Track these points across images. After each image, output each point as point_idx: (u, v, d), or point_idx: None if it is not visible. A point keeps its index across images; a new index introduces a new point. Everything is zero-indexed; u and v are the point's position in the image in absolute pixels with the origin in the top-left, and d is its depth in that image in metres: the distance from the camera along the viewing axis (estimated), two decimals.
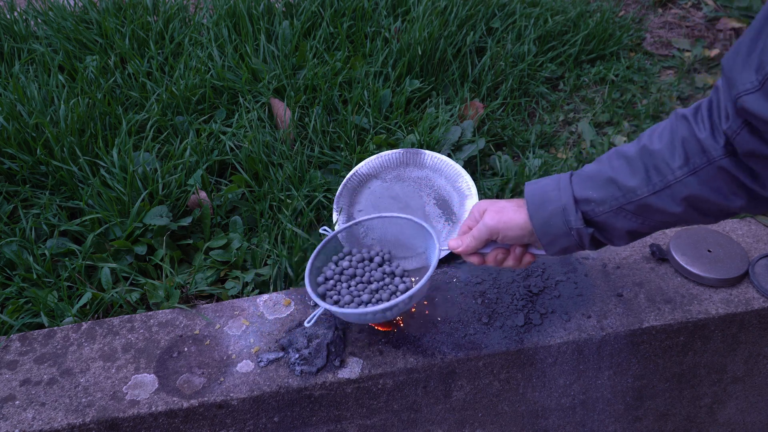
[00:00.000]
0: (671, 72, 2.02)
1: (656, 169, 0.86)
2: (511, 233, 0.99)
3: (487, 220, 1.00)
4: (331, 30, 1.93)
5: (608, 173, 0.91)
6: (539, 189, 0.96)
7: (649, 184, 0.87)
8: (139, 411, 1.07)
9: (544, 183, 0.96)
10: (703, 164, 0.83)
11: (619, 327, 1.21)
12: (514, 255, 1.03)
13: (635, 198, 0.88)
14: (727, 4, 2.26)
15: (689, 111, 0.86)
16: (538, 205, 0.95)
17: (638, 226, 0.91)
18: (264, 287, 1.33)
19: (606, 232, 0.94)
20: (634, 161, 0.89)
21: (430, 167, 1.49)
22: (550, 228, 0.94)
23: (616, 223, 0.91)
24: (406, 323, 1.21)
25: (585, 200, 0.92)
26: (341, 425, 1.19)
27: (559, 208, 0.93)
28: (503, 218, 0.98)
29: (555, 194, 0.94)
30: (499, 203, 1.01)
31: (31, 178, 1.52)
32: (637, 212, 0.89)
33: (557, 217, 0.93)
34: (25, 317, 1.25)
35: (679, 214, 0.88)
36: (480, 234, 1.01)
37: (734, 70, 0.73)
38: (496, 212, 0.99)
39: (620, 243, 0.96)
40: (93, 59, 1.82)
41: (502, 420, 1.28)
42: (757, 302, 1.25)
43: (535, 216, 0.95)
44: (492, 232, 1.00)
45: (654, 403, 1.35)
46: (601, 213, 0.91)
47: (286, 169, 1.53)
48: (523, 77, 1.90)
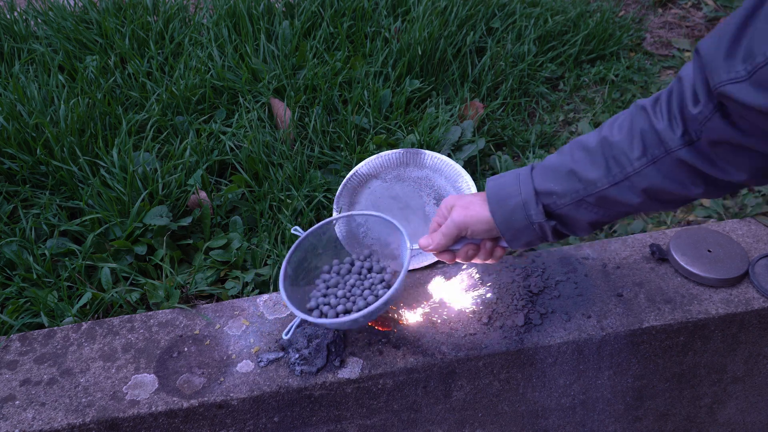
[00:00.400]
0: (671, 72, 2.02)
1: (615, 161, 0.87)
2: (479, 227, 0.98)
3: (455, 216, 0.99)
4: (331, 30, 1.93)
5: (569, 165, 0.91)
6: (500, 184, 0.96)
7: (609, 175, 0.87)
8: (139, 411, 1.07)
9: (505, 178, 0.96)
10: (661, 155, 0.83)
11: (619, 327, 1.21)
12: (485, 250, 1.03)
13: (595, 190, 0.89)
14: (727, 4, 2.26)
15: (648, 102, 0.86)
16: (498, 201, 0.95)
17: (599, 217, 0.92)
18: (264, 287, 1.33)
19: (568, 224, 0.94)
20: (594, 153, 0.89)
21: (430, 167, 1.49)
22: (512, 223, 0.94)
23: (577, 215, 0.92)
24: (406, 323, 1.21)
25: (546, 193, 0.92)
26: (341, 425, 1.19)
27: (520, 202, 0.93)
28: (470, 213, 0.98)
29: (515, 189, 0.94)
30: (466, 198, 1.01)
31: (31, 178, 1.52)
32: (598, 204, 0.90)
33: (518, 212, 0.93)
34: (25, 317, 1.25)
35: (639, 204, 0.88)
36: (449, 231, 1.00)
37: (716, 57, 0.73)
38: (462, 208, 0.99)
39: (582, 234, 0.96)
40: (93, 59, 1.82)
41: (502, 420, 1.28)
42: (757, 302, 1.25)
43: (496, 212, 0.95)
44: (460, 228, 0.99)
45: (654, 403, 1.35)
46: (562, 206, 0.91)
47: (286, 169, 1.53)
48: (523, 77, 1.90)
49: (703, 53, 0.76)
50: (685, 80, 0.80)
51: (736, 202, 1.52)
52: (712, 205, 1.52)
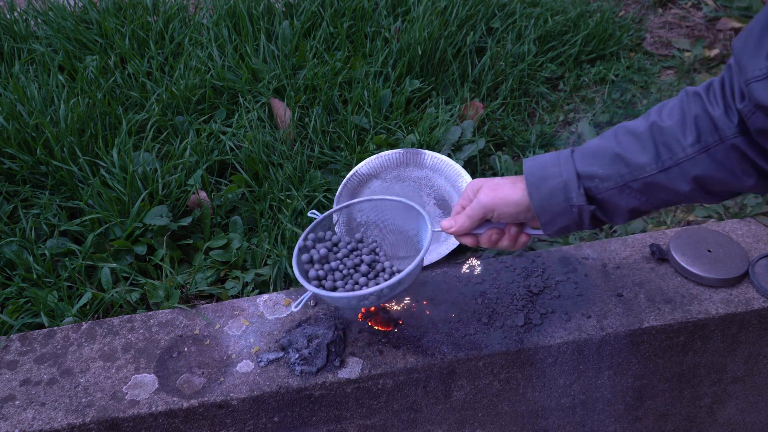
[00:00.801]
0: (671, 72, 2.02)
1: (666, 146, 0.84)
2: (507, 210, 0.95)
3: (482, 197, 0.96)
4: (331, 30, 1.93)
5: (615, 149, 0.88)
6: (539, 165, 0.92)
7: (658, 161, 0.85)
8: (139, 411, 1.07)
9: (544, 159, 0.93)
10: (716, 142, 0.81)
11: (619, 327, 1.21)
12: (509, 235, 1.00)
13: (643, 175, 0.86)
14: (727, 4, 2.26)
15: (701, 88, 0.84)
16: (537, 182, 0.91)
17: (641, 204, 0.89)
18: (264, 287, 1.33)
19: (607, 210, 0.91)
20: (643, 137, 0.86)
21: (430, 167, 1.49)
22: (550, 205, 0.91)
23: (619, 200, 0.89)
24: (406, 323, 1.21)
25: (589, 176, 0.89)
26: (341, 425, 1.19)
27: (561, 184, 0.90)
28: (499, 195, 0.95)
29: (556, 170, 0.90)
30: (494, 180, 0.98)
31: (31, 178, 1.52)
32: (643, 190, 0.87)
33: (558, 194, 0.90)
34: (25, 317, 1.25)
35: (686, 193, 0.86)
36: (474, 212, 0.97)
37: (744, 54, 0.72)
38: (491, 189, 0.96)
39: (620, 221, 0.93)
40: (93, 59, 1.82)
41: (502, 420, 1.28)
42: (757, 302, 1.25)
43: (534, 193, 0.91)
44: (487, 210, 0.96)
45: (654, 403, 1.35)
46: (605, 190, 0.89)
47: (286, 169, 1.53)
48: (523, 77, 1.90)
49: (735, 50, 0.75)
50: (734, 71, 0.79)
51: (736, 202, 1.52)
52: (712, 205, 1.52)
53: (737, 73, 0.77)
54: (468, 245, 1.03)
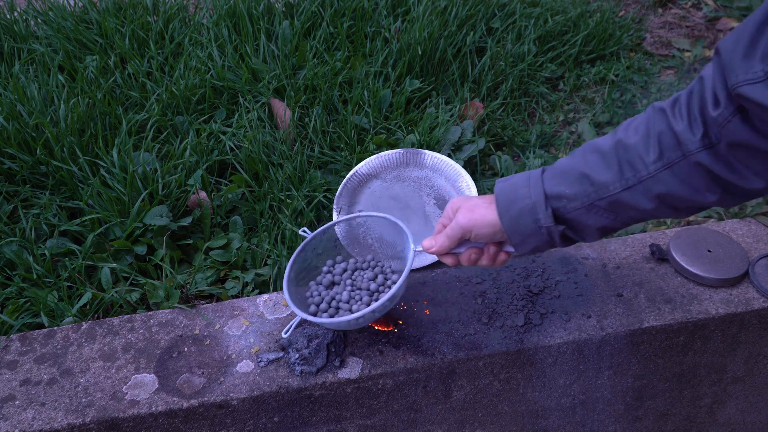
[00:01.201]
0: (671, 72, 2.02)
1: (630, 164, 0.84)
2: (484, 231, 0.96)
3: (460, 218, 0.97)
4: (331, 30, 1.93)
5: (581, 168, 0.88)
6: (509, 186, 0.93)
7: (622, 179, 0.85)
8: (139, 411, 1.07)
9: (515, 180, 0.94)
10: (678, 158, 0.80)
11: (619, 327, 1.21)
12: (488, 254, 1.01)
13: (607, 194, 0.86)
14: (727, 4, 2.26)
15: (667, 103, 0.84)
16: (506, 204, 0.92)
17: (610, 222, 0.89)
18: (264, 287, 1.34)
19: (577, 229, 0.92)
20: (608, 155, 0.86)
21: (430, 167, 1.49)
22: (519, 227, 0.92)
23: (587, 219, 0.89)
24: (406, 323, 1.21)
25: (556, 196, 0.90)
26: (341, 425, 1.19)
27: (528, 205, 0.90)
28: (475, 216, 0.96)
29: (524, 191, 0.91)
30: (472, 200, 0.98)
31: (31, 178, 1.52)
32: (609, 208, 0.87)
33: (526, 216, 0.91)
34: (25, 317, 1.25)
35: (651, 210, 0.86)
36: (453, 233, 0.98)
37: (734, 57, 0.71)
38: (468, 210, 0.97)
39: (591, 239, 0.94)
40: (93, 59, 1.82)
41: (502, 420, 1.28)
42: (757, 302, 1.25)
43: (504, 215, 0.92)
44: (465, 231, 0.97)
45: (654, 403, 1.35)
46: (572, 209, 0.89)
47: (286, 169, 1.53)
48: (523, 77, 1.90)
49: (722, 52, 0.74)
50: (706, 80, 0.78)
51: None
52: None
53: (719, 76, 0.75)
54: (449, 264, 1.04)
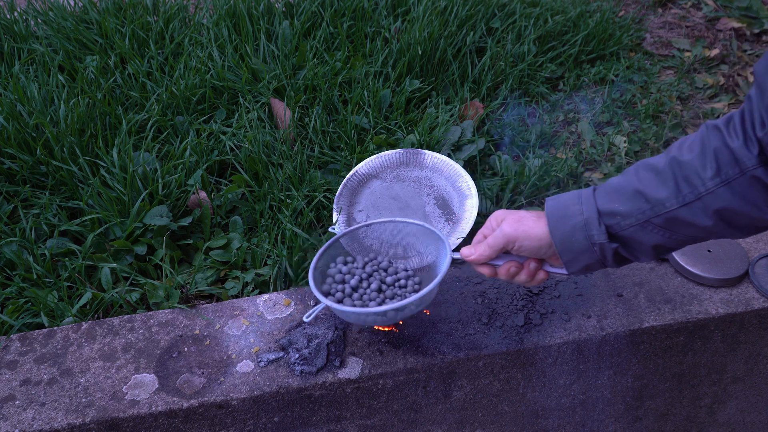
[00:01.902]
0: (671, 72, 2.02)
1: (686, 180, 0.83)
2: (529, 244, 0.95)
3: (506, 228, 0.96)
4: (331, 30, 1.93)
5: (635, 185, 0.87)
6: (560, 203, 0.92)
7: (679, 195, 0.84)
8: (139, 411, 1.07)
9: (566, 197, 0.93)
10: (736, 174, 0.80)
11: (619, 327, 1.21)
12: (528, 270, 0.99)
13: (664, 210, 0.85)
14: (727, 4, 2.26)
15: (721, 121, 0.84)
16: (558, 219, 0.91)
17: (665, 241, 0.88)
18: (264, 287, 1.34)
19: (631, 247, 0.90)
20: (663, 173, 0.85)
21: (430, 167, 1.49)
22: (571, 244, 0.91)
23: (642, 237, 0.88)
24: (406, 323, 1.21)
25: (610, 213, 0.89)
26: (341, 425, 1.19)
27: (581, 221, 0.89)
28: (522, 227, 0.95)
29: (577, 208, 0.90)
30: (519, 213, 0.98)
31: (31, 178, 1.52)
32: (665, 226, 0.86)
33: (579, 232, 0.89)
34: (25, 317, 1.25)
35: (710, 227, 0.84)
36: (496, 242, 0.97)
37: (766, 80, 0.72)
38: (515, 221, 0.96)
39: (645, 259, 0.92)
40: (93, 59, 1.82)
41: (502, 420, 1.28)
42: (757, 302, 1.25)
43: (555, 230, 0.91)
44: (509, 241, 0.96)
45: (654, 403, 1.35)
46: (627, 227, 0.88)
47: (286, 169, 1.53)
48: (523, 77, 1.90)
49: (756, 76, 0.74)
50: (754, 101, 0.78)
51: None
52: None
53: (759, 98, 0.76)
54: (485, 275, 1.02)
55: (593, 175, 1.64)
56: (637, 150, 1.71)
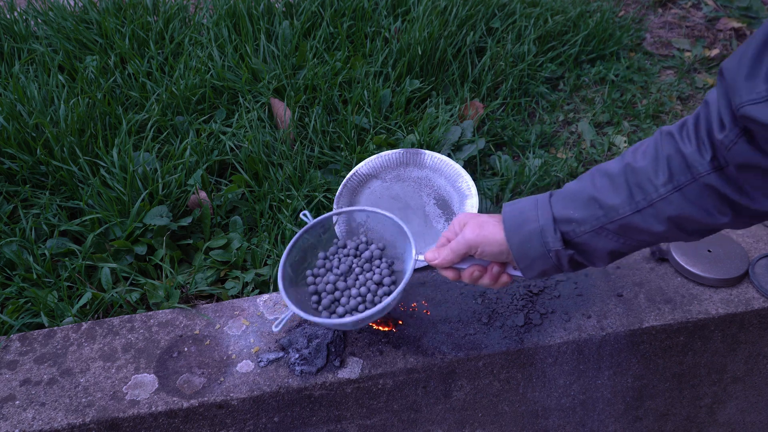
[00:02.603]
0: (671, 72, 2.02)
1: (639, 187, 0.84)
2: (490, 249, 0.95)
3: (467, 233, 0.96)
4: (331, 30, 1.93)
5: (590, 192, 0.88)
6: (516, 209, 0.93)
7: (632, 202, 0.85)
8: (139, 411, 1.07)
9: (522, 203, 0.94)
10: (688, 181, 0.80)
11: (619, 327, 1.21)
12: (491, 274, 1.00)
13: (617, 217, 0.86)
14: (727, 4, 2.26)
15: (674, 127, 0.84)
16: (515, 226, 0.92)
17: (620, 246, 0.89)
18: (264, 287, 1.34)
19: (586, 253, 0.91)
20: (617, 179, 0.86)
21: (430, 167, 1.49)
22: (527, 250, 0.91)
23: (597, 243, 0.89)
24: (406, 323, 1.21)
25: (565, 220, 0.89)
26: (341, 425, 1.19)
27: (537, 228, 0.90)
28: (483, 233, 0.95)
29: (533, 214, 0.91)
30: (481, 218, 0.98)
31: (31, 178, 1.52)
32: (619, 232, 0.87)
33: (535, 239, 0.90)
34: (25, 317, 1.25)
35: (662, 233, 0.85)
36: (458, 247, 0.97)
37: (738, 77, 0.71)
38: (476, 226, 0.96)
39: (600, 264, 0.93)
40: (93, 59, 1.82)
41: (502, 420, 1.28)
42: (757, 302, 1.25)
43: (511, 237, 0.92)
44: (471, 247, 0.96)
45: (654, 403, 1.35)
46: (581, 233, 0.89)
47: (286, 169, 1.53)
48: (523, 77, 1.90)
49: (725, 74, 0.74)
50: (711, 104, 0.78)
51: None
52: None
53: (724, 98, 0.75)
54: (449, 278, 1.03)
55: None
56: None
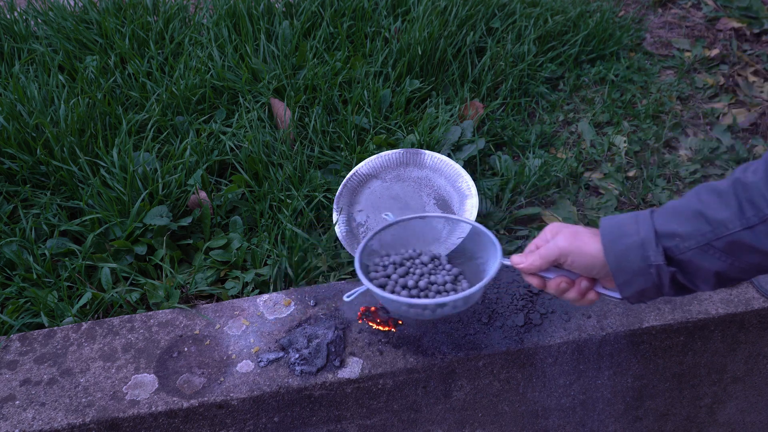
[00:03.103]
0: (671, 72, 2.02)
1: (751, 203, 0.79)
2: (581, 260, 0.92)
3: (560, 241, 0.93)
4: (331, 30, 1.93)
5: (696, 206, 0.83)
6: (615, 222, 0.89)
7: (742, 218, 0.80)
8: (139, 411, 1.07)
9: (622, 217, 0.90)
10: None
11: (619, 327, 1.21)
12: (579, 288, 0.96)
13: (726, 233, 0.80)
14: (727, 4, 2.26)
15: None
16: (614, 238, 0.88)
17: (727, 268, 0.83)
18: (264, 287, 1.34)
19: (690, 273, 0.85)
20: (725, 194, 0.82)
21: (430, 167, 1.49)
22: (626, 263, 0.87)
23: (702, 262, 0.83)
24: (406, 323, 1.21)
25: (668, 234, 0.84)
26: (341, 425, 1.19)
27: (637, 241, 0.85)
28: (576, 242, 0.92)
29: (633, 227, 0.87)
30: (575, 227, 0.95)
31: (31, 178, 1.52)
32: (727, 250, 0.81)
33: (634, 252, 0.86)
34: (25, 317, 1.25)
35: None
36: (548, 254, 0.94)
37: None
38: (570, 235, 0.93)
39: (705, 287, 0.87)
40: (93, 59, 1.82)
41: (502, 420, 1.28)
42: (757, 302, 1.25)
43: (609, 249, 0.88)
44: (562, 255, 0.93)
45: (654, 403, 1.35)
46: (686, 249, 0.83)
47: (286, 169, 1.53)
48: (523, 77, 1.90)
49: None
50: None
51: None
52: None
53: None
54: (534, 286, 0.99)
55: (593, 175, 1.64)
56: (637, 150, 1.71)
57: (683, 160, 1.67)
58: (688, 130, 1.78)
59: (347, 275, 1.36)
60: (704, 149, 1.68)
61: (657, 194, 1.56)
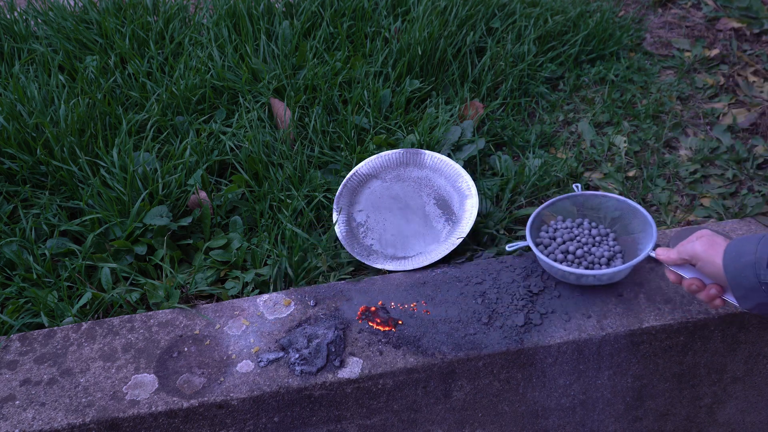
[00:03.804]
0: (671, 72, 2.02)
1: None
2: (709, 269, 1.02)
3: (698, 245, 1.03)
4: (331, 30, 1.93)
5: None
6: (739, 242, 0.98)
7: None
8: (139, 411, 1.07)
9: (748, 237, 0.98)
10: None
11: (619, 327, 1.21)
12: (707, 293, 1.06)
13: None
14: (727, 4, 2.26)
15: None
16: (733, 257, 0.97)
17: None
18: (264, 287, 1.34)
19: None
20: None
21: (430, 167, 1.49)
22: (741, 279, 0.95)
23: None
24: (406, 323, 1.21)
25: None
26: (341, 425, 1.19)
27: (752, 261, 0.93)
28: (709, 251, 1.01)
29: (752, 248, 0.95)
30: (717, 239, 1.03)
31: (31, 178, 1.52)
32: None
33: (748, 270, 0.94)
34: (25, 317, 1.25)
35: None
36: (684, 252, 1.05)
37: None
38: (708, 243, 1.02)
39: None
40: (93, 59, 1.82)
41: (502, 420, 1.28)
42: None
43: (729, 266, 0.97)
44: (694, 258, 1.03)
45: (654, 403, 1.35)
46: None
47: (286, 169, 1.53)
48: (523, 77, 1.90)
49: None
50: None
51: (736, 202, 1.52)
52: (712, 205, 1.52)
53: None
54: (670, 279, 1.12)
55: (593, 175, 1.64)
56: (637, 150, 1.71)
57: (683, 160, 1.67)
58: (688, 130, 1.77)
59: (347, 275, 1.36)
60: (704, 149, 1.68)
61: (657, 194, 1.56)
